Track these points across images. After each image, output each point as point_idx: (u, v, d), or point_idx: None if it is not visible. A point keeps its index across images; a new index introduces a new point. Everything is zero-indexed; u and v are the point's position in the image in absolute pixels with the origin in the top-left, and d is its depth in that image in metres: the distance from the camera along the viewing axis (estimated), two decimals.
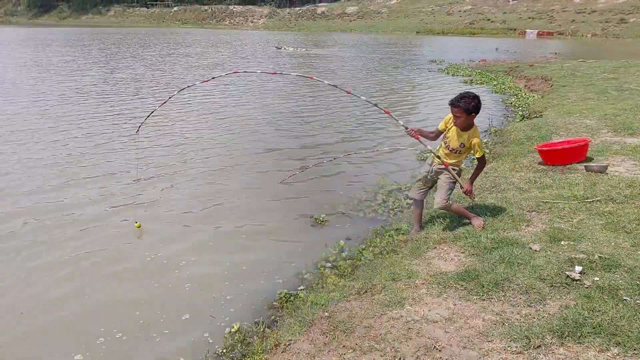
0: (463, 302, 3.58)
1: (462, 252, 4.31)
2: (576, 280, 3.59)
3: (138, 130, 6.17)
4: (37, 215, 6.10)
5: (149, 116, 5.74)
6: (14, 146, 9.12)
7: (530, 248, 4.13)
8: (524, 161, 7.17)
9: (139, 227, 5.58)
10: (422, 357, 3.04)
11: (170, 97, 5.84)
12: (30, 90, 15.63)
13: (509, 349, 3.03)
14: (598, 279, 3.60)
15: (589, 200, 5.04)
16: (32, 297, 4.47)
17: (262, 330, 3.87)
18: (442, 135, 4.80)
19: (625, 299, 3.33)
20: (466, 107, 4.39)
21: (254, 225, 6.05)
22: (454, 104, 4.44)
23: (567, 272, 3.68)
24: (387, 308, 3.62)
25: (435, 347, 3.12)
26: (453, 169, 4.69)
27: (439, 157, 4.67)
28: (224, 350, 3.73)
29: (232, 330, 3.95)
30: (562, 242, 4.18)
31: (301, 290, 4.51)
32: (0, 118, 11.52)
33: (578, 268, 3.69)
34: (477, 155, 4.64)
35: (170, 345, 3.85)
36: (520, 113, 11.80)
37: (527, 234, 4.46)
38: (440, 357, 3.01)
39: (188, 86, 6.31)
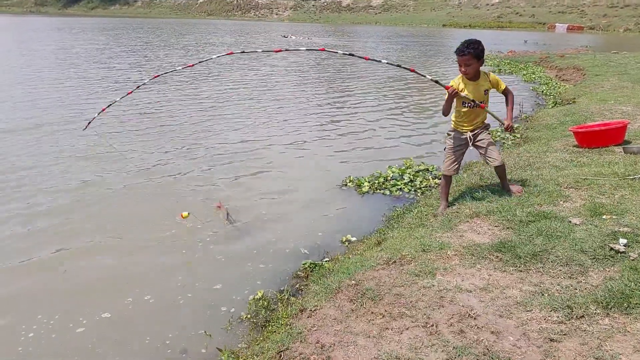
0: (498, 273, 3.39)
1: (496, 226, 4.11)
2: (620, 253, 3.37)
3: (89, 124, 5.35)
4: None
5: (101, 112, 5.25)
6: None
7: (570, 222, 3.92)
8: (557, 144, 6.89)
9: (186, 216, 5.28)
10: (456, 324, 2.87)
11: (137, 87, 5.37)
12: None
13: (549, 318, 2.84)
14: None
15: (630, 177, 4.78)
16: (74, 256, 4.54)
17: (286, 297, 3.76)
18: (454, 105, 4.62)
19: None
20: (476, 52, 4.33)
21: (282, 197, 5.98)
22: (463, 52, 4.34)
23: (610, 245, 3.46)
24: (418, 277, 3.45)
25: (469, 315, 2.95)
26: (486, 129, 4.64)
27: (474, 101, 4.46)
28: (248, 316, 3.63)
29: (256, 297, 3.84)
30: (604, 216, 3.95)
31: (326, 261, 4.39)
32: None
33: (623, 241, 3.47)
34: (502, 89, 4.62)
35: (195, 310, 3.79)
36: (552, 100, 11.45)
37: (565, 209, 4.23)
38: (476, 325, 2.84)
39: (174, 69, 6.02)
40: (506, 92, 4.67)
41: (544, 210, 4.22)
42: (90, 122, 5.30)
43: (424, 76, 4.68)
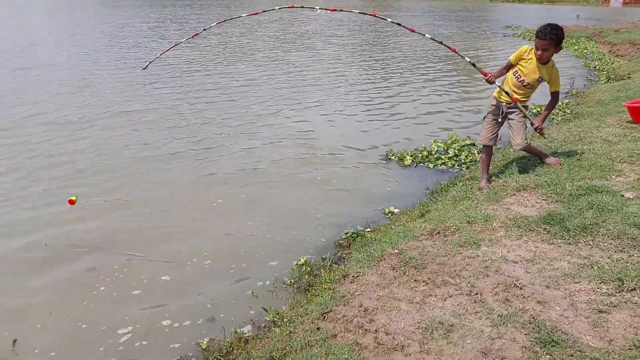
0: (546, 245, 3.33)
1: (544, 199, 4.01)
2: None
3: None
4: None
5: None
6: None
7: (622, 196, 3.79)
8: (610, 120, 6.62)
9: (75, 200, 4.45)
10: (501, 293, 2.85)
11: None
12: None
13: (598, 290, 2.78)
14: None
15: None
16: (155, 230, 4.64)
17: (329, 264, 3.81)
18: (509, 70, 4.53)
19: None
20: (557, 38, 4.16)
21: (324, 169, 6.03)
22: (545, 36, 4.14)
23: None
24: (462, 248, 3.43)
25: (515, 284, 2.91)
26: (522, 105, 4.50)
27: (507, 93, 4.37)
28: (292, 281, 3.71)
29: (299, 263, 3.91)
30: None
31: (368, 231, 4.41)
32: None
33: None
34: (553, 89, 4.45)
35: (242, 274, 3.92)
36: (605, 75, 10.96)
37: (617, 183, 4.09)
38: (522, 294, 2.81)
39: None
40: (554, 95, 4.50)
41: (595, 184, 4.08)
42: (150, 63, 5.94)
43: (463, 57, 4.60)
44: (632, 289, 2.74)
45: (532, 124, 4.56)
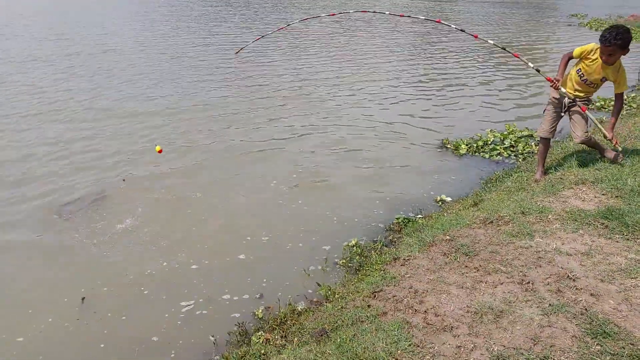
0: (603, 240, 3.29)
1: (603, 194, 3.93)
2: None
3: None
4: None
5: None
6: None
7: None
8: None
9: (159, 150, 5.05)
10: (554, 284, 2.85)
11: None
12: None
13: None
14: None
15: None
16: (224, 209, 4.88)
17: (379, 247, 3.90)
18: (574, 64, 4.40)
19: None
20: (623, 43, 3.99)
21: (380, 154, 6.12)
22: (610, 42, 4.00)
23: None
24: (515, 238, 3.44)
25: (568, 276, 2.91)
26: (585, 103, 4.40)
27: (574, 101, 4.27)
28: (343, 261, 3.83)
29: (350, 244, 4.02)
30: None
31: (420, 217, 4.46)
32: None
33: None
34: (619, 90, 4.26)
35: (297, 254, 4.07)
36: None
37: None
38: (575, 286, 2.81)
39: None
40: (619, 97, 4.31)
41: None
42: (242, 49, 6.04)
43: (527, 63, 4.50)
44: None
45: (605, 137, 4.42)
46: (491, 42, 4.67)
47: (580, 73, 4.34)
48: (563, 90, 4.35)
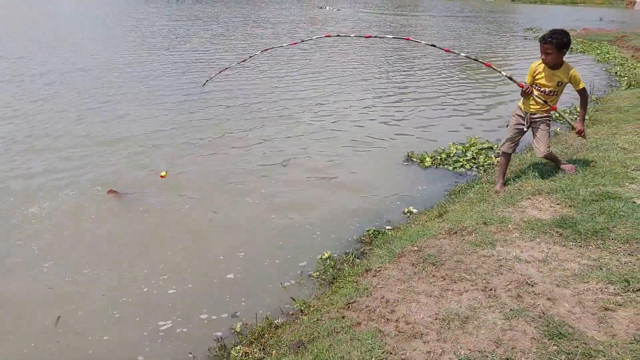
0: (558, 247, 3.53)
1: (558, 204, 4.20)
2: None
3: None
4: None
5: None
6: None
7: (634, 202, 3.96)
8: (628, 127, 6.74)
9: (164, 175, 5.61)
10: (514, 290, 3.06)
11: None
12: None
13: (605, 290, 2.98)
14: None
15: None
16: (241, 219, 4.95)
17: (351, 259, 4.06)
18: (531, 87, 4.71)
19: None
20: (558, 42, 4.34)
21: (347, 168, 6.28)
22: (545, 40, 4.39)
23: None
24: (478, 247, 3.65)
25: (527, 282, 3.13)
26: (547, 118, 4.69)
27: (546, 102, 4.55)
28: (317, 273, 3.97)
29: (324, 257, 4.17)
30: None
31: (389, 229, 4.64)
32: None
33: None
34: (579, 88, 4.60)
35: (271, 267, 4.19)
36: (626, 81, 11.01)
37: (630, 190, 4.25)
38: (533, 291, 3.03)
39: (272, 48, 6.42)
40: (582, 93, 4.64)
41: (608, 190, 4.26)
42: (208, 80, 6.61)
43: (499, 72, 4.74)
44: (638, 290, 2.93)
45: (573, 128, 4.79)
46: (462, 54, 4.92)
47: (538, 88, 4.62)
48: (536, 94, 4.59)
